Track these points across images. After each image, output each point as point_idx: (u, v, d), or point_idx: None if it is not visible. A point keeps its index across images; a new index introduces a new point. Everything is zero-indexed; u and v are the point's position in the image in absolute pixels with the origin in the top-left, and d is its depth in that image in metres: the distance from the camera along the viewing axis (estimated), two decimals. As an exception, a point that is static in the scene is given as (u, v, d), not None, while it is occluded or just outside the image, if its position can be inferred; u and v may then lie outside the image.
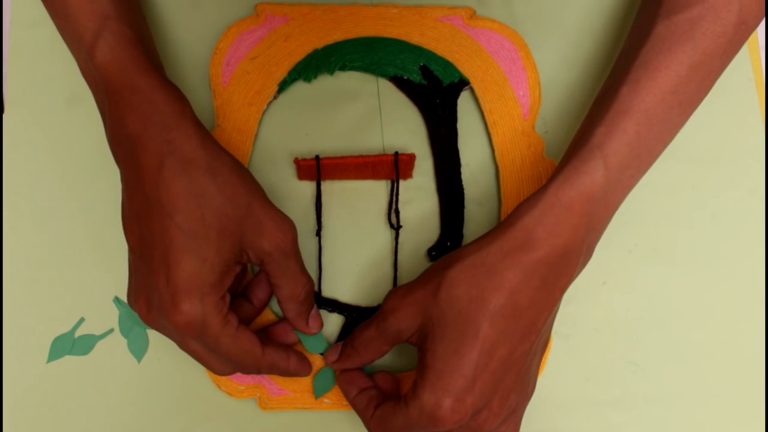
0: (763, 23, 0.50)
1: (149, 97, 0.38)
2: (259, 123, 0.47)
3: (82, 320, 0.45)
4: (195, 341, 0.38)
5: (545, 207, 0.37)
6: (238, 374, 0.44)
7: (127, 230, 0.38)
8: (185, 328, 0.37)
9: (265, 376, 0.44)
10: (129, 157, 0.38)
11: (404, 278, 0.46)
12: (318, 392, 0.44)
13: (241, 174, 0.39)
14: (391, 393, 0.42)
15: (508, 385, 0.37)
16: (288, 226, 0.39)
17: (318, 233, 0.46)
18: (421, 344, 0.38)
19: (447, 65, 0.48)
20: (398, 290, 0.40)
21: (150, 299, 0.37)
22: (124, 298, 0.45)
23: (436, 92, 0.48)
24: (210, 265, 0.37)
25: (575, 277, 0.39)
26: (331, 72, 0.48)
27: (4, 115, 0.48)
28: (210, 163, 0.38)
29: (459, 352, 0.36)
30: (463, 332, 0.36)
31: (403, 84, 0.48)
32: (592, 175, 0.37)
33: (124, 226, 0.39)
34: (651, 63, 0.39)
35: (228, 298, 0.38)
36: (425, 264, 0.46)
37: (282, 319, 0.43)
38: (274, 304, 0.45)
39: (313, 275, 0.46)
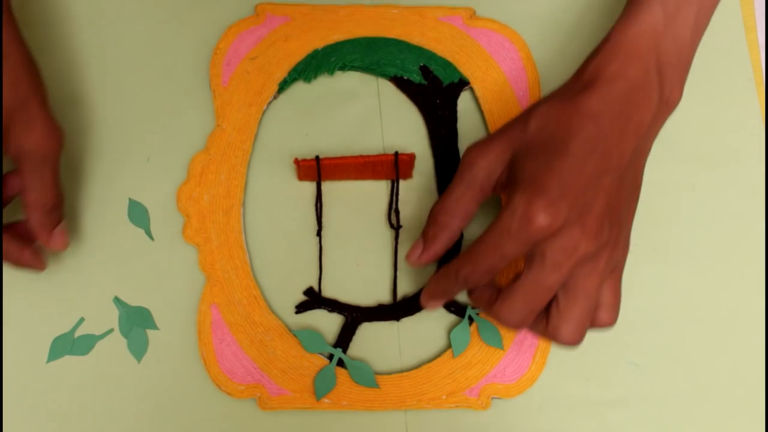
0: (762, 23, 0.50)
1: None
2: (259, 123, 0.47)
3: (82, 320, 0.45)
4: None
5: (613, 46, 0.39)
6: (238, 374, 0.44)
7: None
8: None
9: (265, 375, 0.44)
10: None
11: (404, 278, 0.46)
12: (319, 393, 0.44)
13: (29, 70, 0.40)
14: None
15: (601, 208, 0.37)
16: (57, 134, 0.40)
17: (318, 233, 0.46)
18: (511, 176, 0.39)
19: (447, 65, 0.48)
20: (478, 141, 0.40)
21: None
22: (124, 298, 0.45)
23: (436, 92, 0.48)
24: None
25: (658, 114, 0.39)
26: (331, 72, 0.48)
27: (4, 115, 0.48)
28: (4, 48, 0.39)
29: (550, 163, 0.36)
30: (553, 149, 0.37)
31: (403, 84, 0.48)
32: (650, 12, 0.40)
33: None
34: None
35: None
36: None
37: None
38: (271, 300, 0.46)
39: (314, 275, 0.46)
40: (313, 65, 0.48)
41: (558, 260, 0.36)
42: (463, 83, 0.48)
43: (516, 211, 0.36)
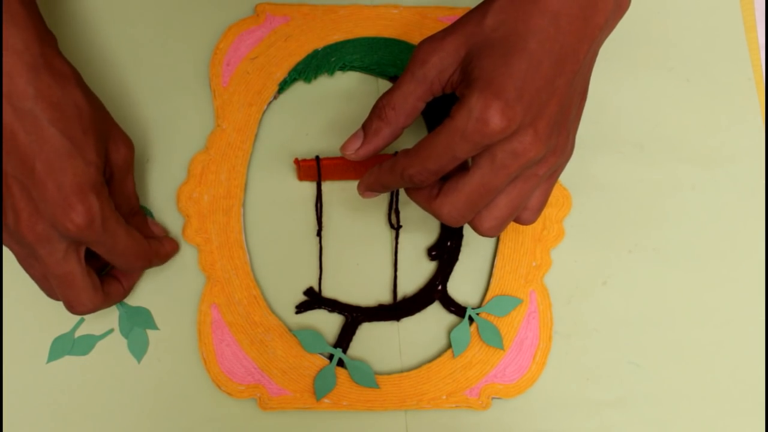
0: (762, 23, 0.50)
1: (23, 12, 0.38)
2: (259, 123, 0.47)
3: (82, 320, 0.45)
4: (84, 248, 0.39)
5: None
6: (239, 374, 0.44)
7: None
8: (87, 229, 0.37)
9: (265, 375, 0.44)
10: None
11: (404, 278, 0.46)
12: (319, 393, 0.44)
13: (87, 89, 0.40)
14: None
15: (553, 112, 0.37)
16: (131, 143, 0.42)
17: (318, 233, 0.46)
18: (465, 74, 0.37)
19: (447, 65, 0.48)
20: (430, 38, 0.39)
21: (30, 208, 0.37)
22: (124, 298, 0.45)
23: (436, 92, 0.48)
24: (95, 167, 0.38)
25: (610, 19, 0.38)
26: (331, 72, 0.48)
27: (4, 115, 0.48)
28: (77, 77, 0.39)
29: (507, 62, 0.36)
30: (511, 47, 0.36)
31: (403, 84, 0.48)
32: None
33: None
34: None
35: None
36: (425, 264, 0.46)
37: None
38: (271, 300, 0.46)
39: (314, 275, 0.46)
40: (313, 65, 0.48)
41: (507, 163, 0.36)
42: (463, 83, 0.48)
43: (472, 113, 0.35)
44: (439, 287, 0.46)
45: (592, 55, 0.38)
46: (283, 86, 0.48)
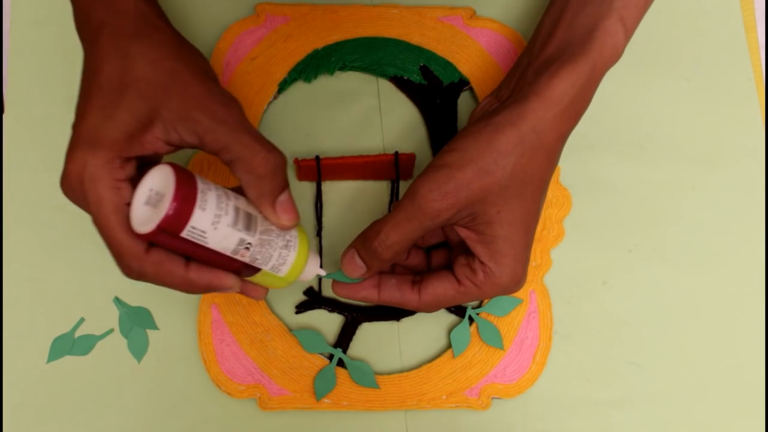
0: (762, 23, 0.50)
1: None
2: (259, 123, 0.47)
3: (82, 320, 0.45)
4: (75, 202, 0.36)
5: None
6: (239, 374, 0.44)
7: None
8: (70, 183, 0.35)
9: (265, 375, 0.44)
10: (81, 31, 0.38)
11: (404, 278, 0.46)
12: (319, 394, 0.44)
13: (176, 46, 0.37)
14: (419, 267, 0.43)
15: (532, 237, 0.40)
16: (228, 99, 0.36)
17: (318, 233, 0.46)
18: (478, 218, 0.38)
19: (447, 65, 0.48)
20: (428, 177, 0.37)
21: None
22: (124, 298, 0.45)
23: (436, 92, 0.48)
24: (116, 121, 0.34)
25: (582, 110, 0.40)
26: (331, 72, 0.48)
27: (4, 115, 0.48)
28: (141, 30, 0.36)
29: (525, 221, 0.39)
30: (523, 200, 0.38)
31: (403, 84, 0.48)
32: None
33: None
34: None
35: (130, 169, 0.35)
36: (425, 264, 0.46)
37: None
38: (271, 300, 0.46)
39: (313, 275, 0.46)
40: (313, 65, 0.48)
41: (494, 292, 0.40)
42: (463, 83, 0.48)
43: (502, 280, 0.39)
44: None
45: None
46: (283, 86, 0.48)
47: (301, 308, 0.46)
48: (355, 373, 0.44)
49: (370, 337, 0.45)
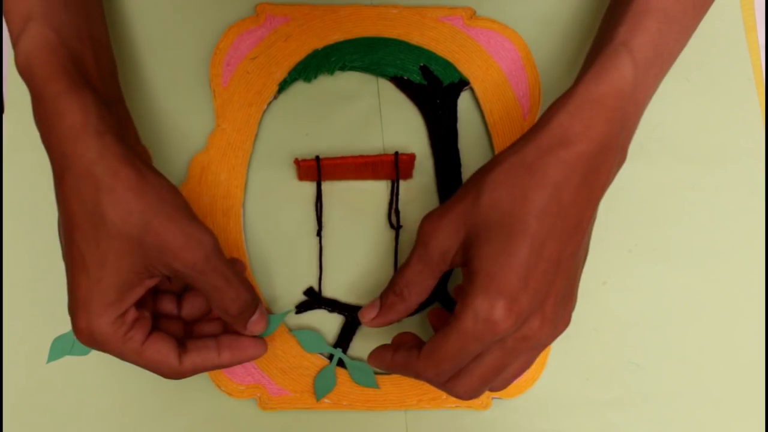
0: (762, 23, 0.50)
1: (52, 107, 0.37)
2: (259, 123, 0.47)
3: (82, 320, 0.45)
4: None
5: (579, 103, 0.36)
6: (239, 374, 0.44)
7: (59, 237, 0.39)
8: (85, 342, 0.37)
9: (265, 375, 0.44)
10: (44, 144, 0.38)
11: (404, 278, 0.46)
12: (319, 394, 0.44)
13: (141, 190, 0.36)
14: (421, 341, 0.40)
15: (560, 289, 0.36)
16: (197, 242, 0.36)
17: (318, 233, 0.46)
18: (467, 258, 0.36)
19: (447, 65, 0.48)
20: (432, 213, 0.38)
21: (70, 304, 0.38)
22: (124, 298, 0.45)
23: (436, 92, 0.48)
24: (104, 287, 0.36)
25: (612, 177, 0.37)
26: (331, 72, 0.48)
27: (4, 115, 0.48)
28: (102, 181, 0.35)
29: (508, 251, 0.34)
30: (510, 231, 0.34)
31: (403, 84, 0.48)
32: (621, 70, 0.37)
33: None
34: None
35: (131, 315, 0.37)
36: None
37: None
38: (271, 300, 0.46)
39: (314, 275, 0.46)
40: (313, 65, 0.48)
41: (518, 347, 0.36)
42: (463, 83, 0.48)
43: (479, 315, 0.34)
44: (440, 287, 0.46)
45: (594, 218, 0.38)
46: (283, 86, 0.48)
47: (301, 308, 0.46)
48: (355, 373, 0.44)
49: (370, 337, 0.45)
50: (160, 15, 0.49)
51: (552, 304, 0.36)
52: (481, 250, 0.35)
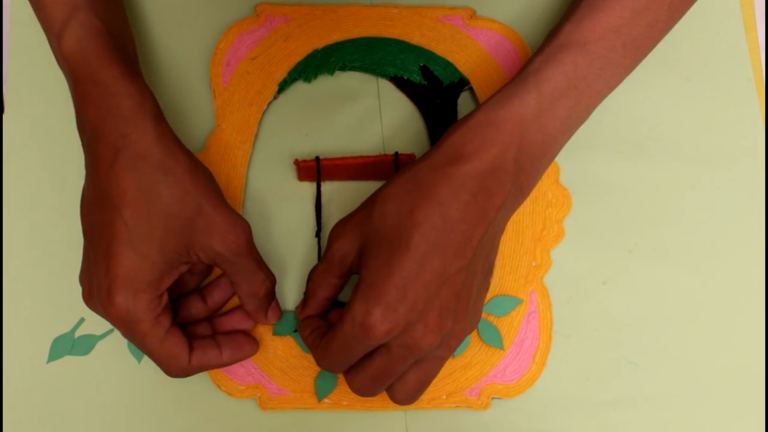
0: (762, 23, 0.50)
1: (109, 90, 0.39)
2: (259, 123, 0.47)
3: (82, 320, 0.45)
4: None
5: (475, 125, 0.38)
6: (239, 374, 0.44)
7: (82, 215, 0.40)
8: (115, 322, 0.38)
9: (265, 375, 0.44)
10: (89, 147, 0.39)
11: (404, 278, 0.46)
12: (321, 394, 0.44)
13: (195, 174, 0.39)
14: None
15: (445, 302, 0.37)
16: (240, 227, 0.39)
17: (318, 234, 0.46)
18: (360, 266, 0.38)
19: (447, 65, 0.48)
20: (342, 219, 0.40)
21: (91, 284, 0.39)
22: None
23: (436, 92, 0.48)
24: (150, 263, 0.37)
25: (510, 203, 0.38)
26: (331, 72, 0.48)
27: (4, 115, 0.48)
28: (163, 161, 0.38)
29: (390, 262, 0.36)
30: (394, 244, 0.36)
31: (403, 84, 0.48)
32: (523, 97, 0.38)
33: (81, 210, 0.40)
34: (596, 4, 0.40)
35: (165, 298, 0.39)
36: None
37: (237, 308, 0.44)
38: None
39: (313, 275, 0.46)
40: (313, 65, 0.48)
41: (403, 354, 0.37)
42: (463, 83, 0.48)
43: (356, 320, 0.36)
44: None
45: (493, 233, 0.39)
46: (283, 86, 0.48)
47: (301, 308, 0.46)
48: (355, 373, 0.44)
49: (370, 337, 0.45)
50: (160, 15, 0.49)
51: (436, 316, 0.37)
52: (369, 260, 0.37)
